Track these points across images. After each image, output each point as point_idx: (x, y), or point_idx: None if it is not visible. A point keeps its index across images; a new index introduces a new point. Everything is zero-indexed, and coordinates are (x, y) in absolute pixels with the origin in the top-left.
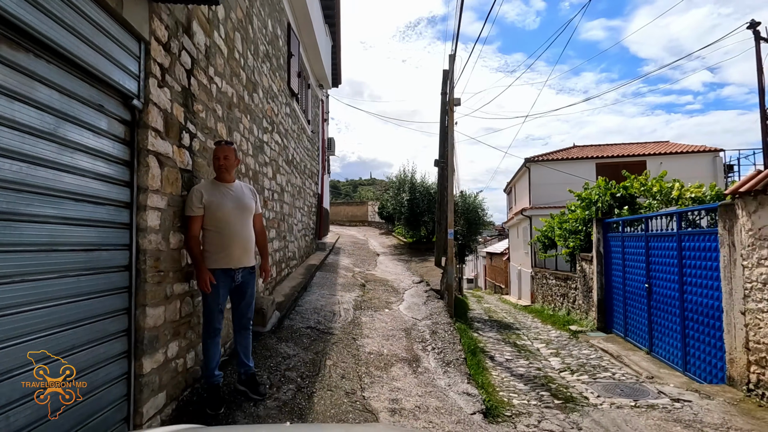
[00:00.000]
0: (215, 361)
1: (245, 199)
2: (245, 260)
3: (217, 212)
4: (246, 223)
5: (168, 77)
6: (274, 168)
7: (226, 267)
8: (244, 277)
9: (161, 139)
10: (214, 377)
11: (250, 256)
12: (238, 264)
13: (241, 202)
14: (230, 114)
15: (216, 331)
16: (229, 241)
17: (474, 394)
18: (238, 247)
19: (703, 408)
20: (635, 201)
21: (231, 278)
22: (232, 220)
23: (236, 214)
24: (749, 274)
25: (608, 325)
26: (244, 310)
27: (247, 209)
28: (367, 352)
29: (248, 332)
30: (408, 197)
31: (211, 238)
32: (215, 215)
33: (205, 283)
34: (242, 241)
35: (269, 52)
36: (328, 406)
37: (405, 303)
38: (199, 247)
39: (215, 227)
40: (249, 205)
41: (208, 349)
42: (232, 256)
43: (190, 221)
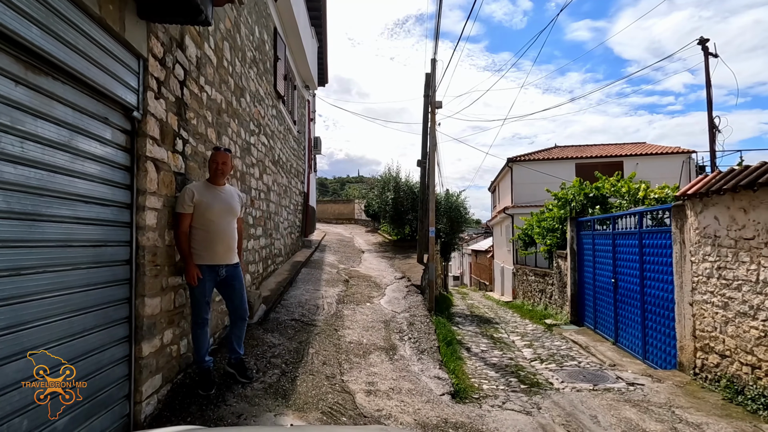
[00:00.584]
0: (205, 348)
1: (233, 202)
2: (228, 257)
3: (206, 212)
4: (231, 224)
5: (163, 89)
6: (261, 168)
7: (211, 263)
8: (228, 272)
9: (158, 145)
10: (205, 362)
11: (233, 254)
12: (221, 261)
13: (228, 204)
14: (219, 119)
15: (204, 321)
16: (214, 239)
17: (444, 378)
18: (222, 246)
19: (653, 390)
20: (607, 201)
21: (216, 273)
22: (218, 221)
23: (223, 216)
24: (696, 269)
25: (580, 319)
26: (237, 302)
27: (233, 212)
28: (348, 342)
29: (244, 323)
30: (392, 196)
31: (199, 235)
32: (204, 215)
33: (192, 277)
34: (227, 240)
35: (256, 58)
36: (310, 388)
37: (386, 297)
38: (187, 243)
39: (203, 226)
40: (236, 208)
41: (198, 337)
42: (216, 253)
43: (181, 218)
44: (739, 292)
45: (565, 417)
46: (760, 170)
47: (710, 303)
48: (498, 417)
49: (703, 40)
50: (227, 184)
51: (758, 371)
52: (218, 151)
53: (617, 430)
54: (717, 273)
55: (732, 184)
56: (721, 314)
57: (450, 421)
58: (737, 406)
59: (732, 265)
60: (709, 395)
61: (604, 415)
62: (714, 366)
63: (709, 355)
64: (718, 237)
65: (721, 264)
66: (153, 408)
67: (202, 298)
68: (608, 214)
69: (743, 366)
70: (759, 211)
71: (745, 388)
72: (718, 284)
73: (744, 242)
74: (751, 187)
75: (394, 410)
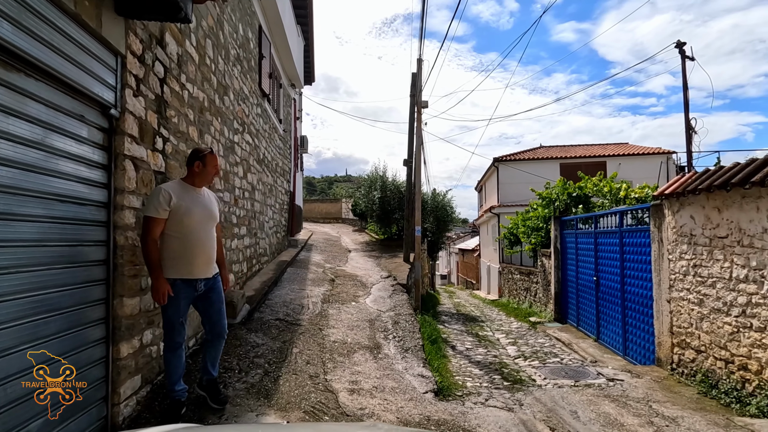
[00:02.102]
0: (178, 374)
1: (213, 207)
2: (208, 270)
3: (185, 218)
4: (211, 232)
5: (142, 87)
6: (245, 167)
7: (189, 277)
8: (207, 285)
9: (136, 144)
10: (176, 392)
11: (213, 265)
12: (200, 274)
13: (209, 210)
14: (202, 118)
15: (177, 345)
16: (194, 250)
17: (428, 376)
18: (203, 257)
19: (631, 385)
20: (589, 200)
21: (193, 288)
22: (198, 229)
23: (203, 223)
24: (673, 267)
25: (564, 316)
26: (215, 318)
27: (213, 218)
28: (332, 341)
29: (221, 342)
30: (379, 195)
31: (174, 245)
32: (182, 221)
33: (162, 295)
34: (207, 251)
35: (240, 56)
36: (293, 387)
37: (372, 296)
38: (158, 253)
39: (179, 234)
40: (216, 214)
41: (169, 362)
42: (195, 266)
43: (152, 223)
44: (713, 289)
45: (546, 413)
46: (733, 171)
47: (686, 300)
48: (480, 414)
49: (680, 43)
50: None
51: (731, 366)
52: (213, 155)
53: (596, 424)
54: (693, 270)
55: (707, 184)
56: (696, 311)
57: (432, 418)
58: (711, 399)
59: (707, 263)
60: (685, 389)
61: (584, 410)
62: (690, 361)
63: (685, 351)
64: (694, 236)
65: (696, 262)
66: (132, 410)
67: (175, 319)
68: (590, 213)
69: (717, 361)
70: (732, 210)
71: (719, 382)
72: (694, 281)
73: (718, 241)
74: (724, 187)
75: (377, 409)
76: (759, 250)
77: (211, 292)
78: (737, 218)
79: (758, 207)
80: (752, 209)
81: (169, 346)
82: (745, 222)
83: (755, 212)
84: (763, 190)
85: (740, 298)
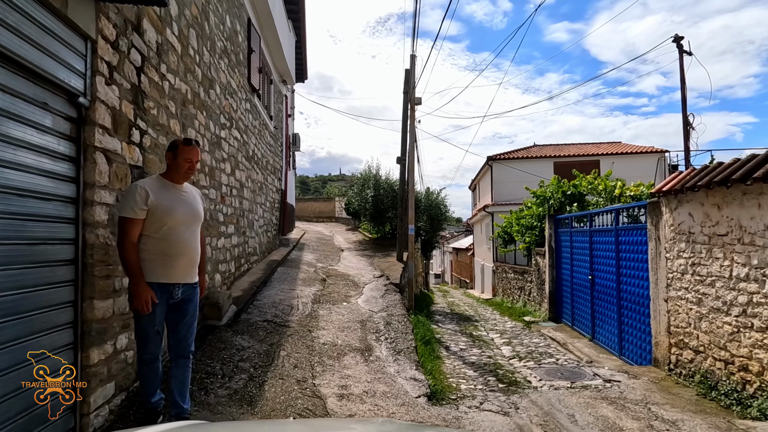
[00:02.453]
0: (153, 387)
1: (197, 206)
2: (190, 275)
3: (166, 218)
4: (195, 233)
5: (116, 75)
6: (233, 164)
7: (167, 281)
8: (186, 294)
9: (109, 135)
10: (152, 404)
11: (195, 270)
12: (180, 279)
13: (193, 209)
14: (184, 110)
15: (152, 357)
16: (175, 252)
17: (421, 379)
18: (184, 260)
19: (629, 387)
20: (584, 198)
21: (170, 294)
22: (180, 229)
23: (187, 223)
24: (671, 265)
25: (558, 316)
26: (184, 333)
27: (198, 218)
28: (322, 343)
29: (187, 362)
30: (372, 193)
31: (152, 246)
32: (162, 221)
33: (145, 303)
34: (190, 253)
35: (227, 48)
36: (278, 393)
37: (363, 296)
38: (137, 256)
39: (159, 234)
40: (200, 213)
41: (144, 375)
42: (175, 270)
43: (128, 224)
44: (712, 288)
45: (542, 417)
46: (734, 167)
47: (685, 299)
48: (475, 419)
49: (678, 38)
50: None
51: (731, 366)
52: (188, 146)
53: (594, 429)
54: (691, 269)
55: (706, 180)
56: (695, 310)
57: (425, 424)
58: (711, 401)
59: (706, 262)
60: (683, 391)
61: (581, 413)
62: (688, 361)
63: (683, 351)
64: (693, 233)
65: (695, 260)
66: (104, 420)
67: (151, 328)
68: (585, 212)
69: (717, 361)
70: (732, 207)
71: (719, 384)
72: (692, 280)
73: (717, 238)
74: (724, 183)
75: (367, 415)
76: (760, 248)
77: (187, 303)
78: (738, 215)
79: (760, 204)
80: (753, 206)
81: (143, 358)
82: (746, 219)
83: (757, 209)
84: (765, 187)
85: (741, 297)
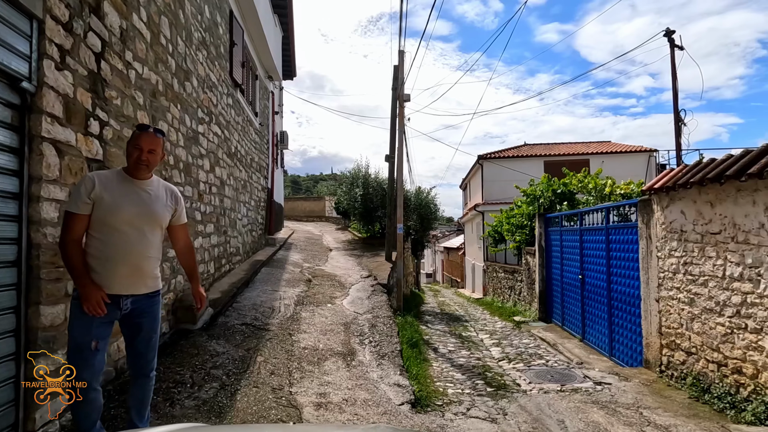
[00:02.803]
0: (89, 421)
1: (156, 205)
2: (136, 286)
3: (108, 215)
4: (149, 236)
5: (70, 59)
6: (212, 160)
7: (109, 292)
8: (137, 305)
9: (60, 125)
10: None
11: (145, 280)
12: (123, 290)
13: (147, 207)
14: (155, 102)
15: (87, 383)
16: (116, 256)
17: (405, 385)
18: (126, 268)
19: (620, 390)
20: (574, 197)
21: (115, 306)
22: (126, 230)
23: (136, 223)
24: (662, 265)
25: (549, 315)
26: (142, 349)
27: (154, 219)
28: (302, 348)
29: (147, 382)
30: (361, 192)
31: (95, 248)
32: (104, 219)
33: (96, 303)
34: (135, 260)
35: (207, 40)
36: (251, 403)
37: (349, 298)
38: (80, 254)
39: (101, 234)
40: (159, 214)
41: (77, 408)
42: (115, 278)
43: (70, 220)
44: (705, 287)
45: (531, 423)
46: (727, 163)
47: (676, 299)
48: (461, 427)
49: (670, 31)
50: (154, 176)
51: (724, 369)
52: (143, 132)
53: None
54: (683, 268)
55: (699, 177)
56: (687, 310)
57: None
58: (704, 405)
59: (698, 261)
60: (675, 394)
61: (571, 419)
62: (680, 363)
63: (675, 353)
64: (685, 232)
65: (687, 259)
66: None
67: (85, 344)
68: (575, 210)
69: (709, 363)
70: (726, 204)
71: (711, 386)
72: (684, 280)
73: (710, 237)
74: (718, 180)
75: None
76: (755, 246)
77: (141, 316)
78: (731, 213)
79: (755, 201)
80: (748, 203)
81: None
82: (740, 217)
83: (751, 206)
84: (760, 183)
85: (734, 297)
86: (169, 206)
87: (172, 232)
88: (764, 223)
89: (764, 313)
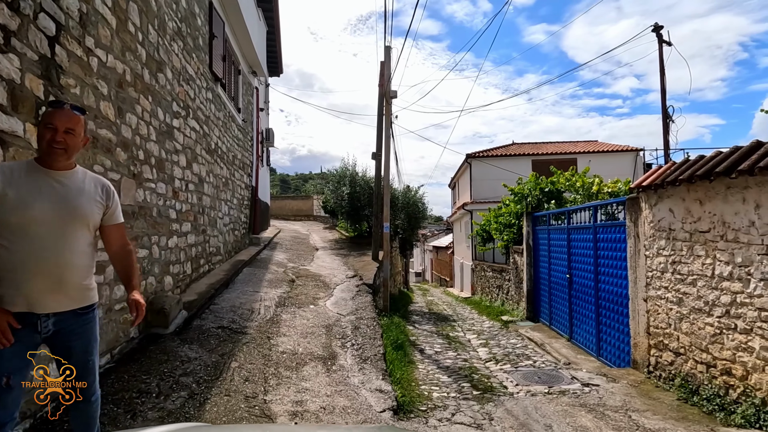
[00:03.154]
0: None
1: (79, 200)
2: (58, 301)
3: (13, 214)
4: (70, 238)
5: (16, 42)
6: (189, 156)
7: (19, 310)
8: (63, 325)
9: (4, 113)
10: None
11: (70, 293)
12: (40, 308)
13: (69, 203)
14: (121, 93)
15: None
16: (26, 266)
17: (387, 390)
18: (42, 280)
19: (608, 391)
20: (562, 195)
21: (32, 328)
22: (39, 232)
23: (53, 223)
24: (650, 264)
25: (536, 315)
26: (79, 373)
27: (77, 217)
28: (280, 352)
29: (89, 406)
30: (348, 190)
31: (1, 256)
32: (8, 219)
33: (2, 332)
34: (54, 269)
35: (183, 31)
36: (221, 413)
37: (333, 298)
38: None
39: (5, 240)
40: (84, 210)
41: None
42: (27, 294)
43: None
44: (693, 287)
45: (518, 428)
46: (717, 159)
47: (664, 299)
48: None
49: (658, 27)
50: (78, 167)
51: (713, 370)
52: (57, 109)
53: None
54: (671, 268)
55: (688, 174)
56: (675, 310)
57: None
58: (693, 407)
59: (687, 260)
60: (664, 395)
61: (559, 423)
62: (668, 364)
63: (663, 353)
64: (673, 230)
65: (675, 258)
66: None
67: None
68: (563, 209)
69: (698, 364)
70: (715, 202)
71: (700, 388)
72: (672, 279)
73: (699, 235)
74: (707, 177)
75: None
76: (745, 245)
77: (70, 338)
78: (721, 211)
79: (745, 198)
80: (738, 201)
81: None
82: (729, 215)
83: (741, 204)
84: (750, 180)
85: (723, 297)
86: (98, 201)
87: (105, 234)
88: (754, 221)
89: (754, 313)
